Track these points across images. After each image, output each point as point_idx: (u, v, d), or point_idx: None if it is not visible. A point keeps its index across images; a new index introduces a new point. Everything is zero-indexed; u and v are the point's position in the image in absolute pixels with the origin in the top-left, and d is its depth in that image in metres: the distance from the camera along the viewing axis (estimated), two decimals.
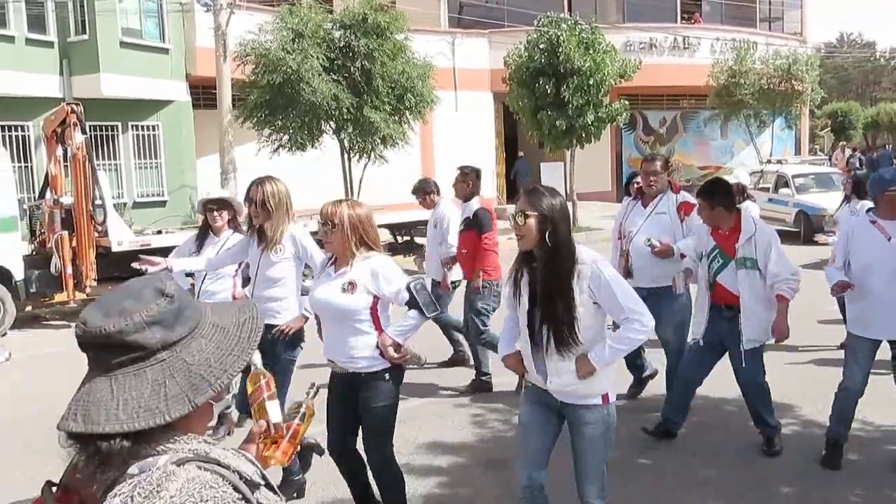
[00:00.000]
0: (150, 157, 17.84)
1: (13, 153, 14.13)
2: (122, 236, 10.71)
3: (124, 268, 7.38)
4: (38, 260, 10.58)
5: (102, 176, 11.06)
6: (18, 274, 9.99)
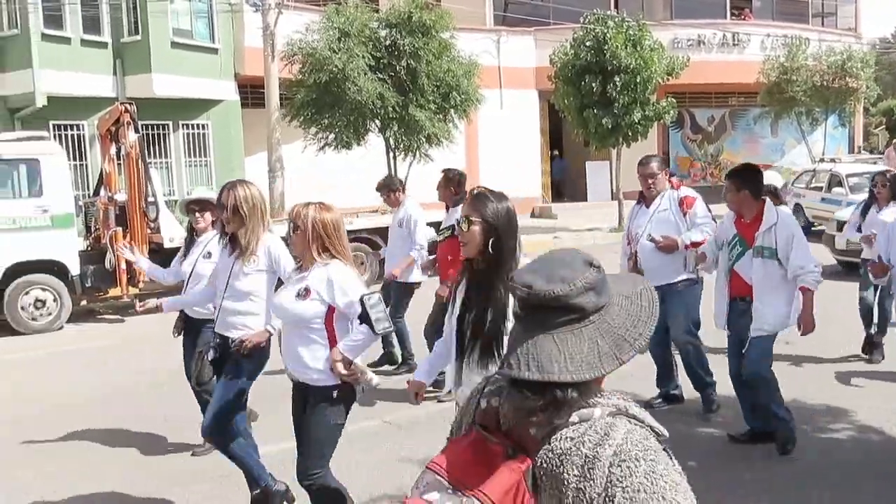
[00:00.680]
0: (199, 156, 18.19)
1: (69, 151, 14.49)
2: (173, 233, 10.91)
3: None
4: (93, 255, 10.86)
5: (154, 174, 11.31)
6: (74, 269, 10.26)
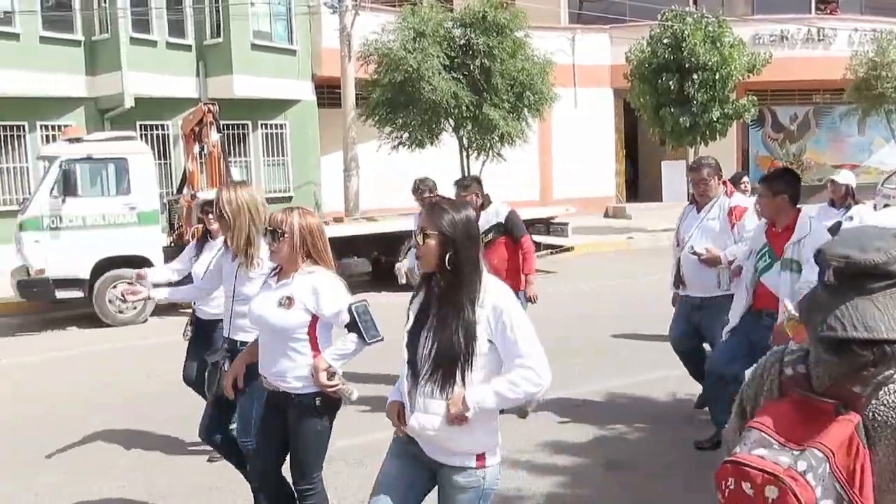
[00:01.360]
0: (277, 155, 18.62)
1: (154, 151, 15.03)
2: None
3: None
4: (177, 251, 11.14)
5: (235, 172, 11.63)
6: (159, 264, 10.62)
